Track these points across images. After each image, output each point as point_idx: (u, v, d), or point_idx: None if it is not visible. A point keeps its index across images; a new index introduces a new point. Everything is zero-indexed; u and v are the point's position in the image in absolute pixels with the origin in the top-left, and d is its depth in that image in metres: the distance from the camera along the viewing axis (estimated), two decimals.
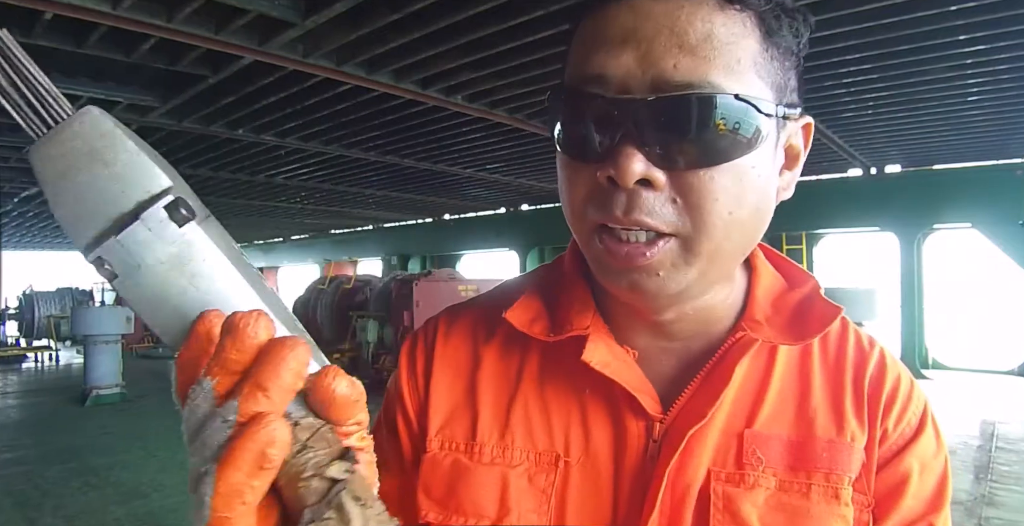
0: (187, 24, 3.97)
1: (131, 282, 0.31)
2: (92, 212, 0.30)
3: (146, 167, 0.30)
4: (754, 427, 0.53)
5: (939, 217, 8.92)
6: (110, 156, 0.30)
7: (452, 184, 10.76)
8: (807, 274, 0.60)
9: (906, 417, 0.54)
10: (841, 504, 0.50)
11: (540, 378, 0.57)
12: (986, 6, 3.96)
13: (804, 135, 0.53)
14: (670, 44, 0.44)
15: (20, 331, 15.08)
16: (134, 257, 0.30)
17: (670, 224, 0.46)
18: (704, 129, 0.44)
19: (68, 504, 4.31)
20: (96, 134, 0.30)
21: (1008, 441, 5.55)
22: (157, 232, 0.30)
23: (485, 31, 4.23)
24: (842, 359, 0.57)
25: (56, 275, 28.35)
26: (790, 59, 0.49)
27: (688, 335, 0.56)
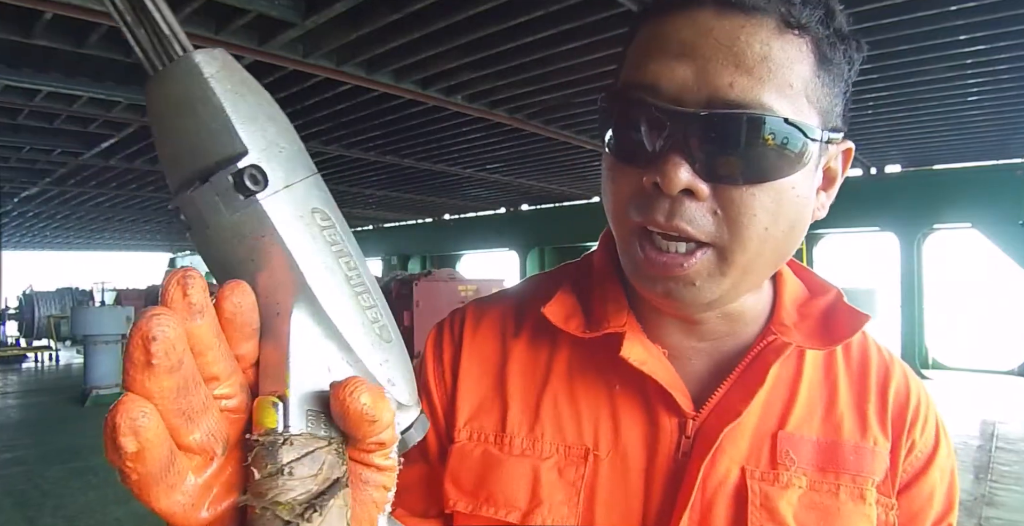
0: (187, 24, 3.97)
1: (199, 239, 0.30)
2: (179, 160, 0.30)
3: (227, 127, 0.29)
4: (786, 429, 0.55)
5: (939, 217, 8.92)
6: (199, 108, 0.29)
7: (452, 184, 10.76)
8: (829, 284, 0.63)
9: (928, 429, 0.58)
10: (866, 504, 0.53)
11: (569, 373, 0.58)
12: (986, 6, 3.96)
13: (844, 158, 0.56)
14: (727, 62, 0.45)
15: (20, 331, 15.08)
16: (203, 216, 0.29)
17: (708, 234, 0.47)
18: (751, 148, 0.45)
19: (68, 504, 4.31)
20: (191, 82, 0.29)
21: (1008, 441, 5.55)
22: (223, 198, 0.29)
23: (485, 31, 4.23)
24: (866, 367, 0.59)
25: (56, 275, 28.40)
26: (839, 85, 0.51)
27: (717, 336, 0.57)
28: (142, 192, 10.60)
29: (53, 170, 8.73)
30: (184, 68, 0.29)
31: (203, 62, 0.29)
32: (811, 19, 0.47)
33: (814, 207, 0.53)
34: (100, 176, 9.28)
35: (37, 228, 15.75)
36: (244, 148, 0.29)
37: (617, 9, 3.83)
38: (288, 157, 0.31)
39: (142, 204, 12.16)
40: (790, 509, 0.52)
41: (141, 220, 14.61)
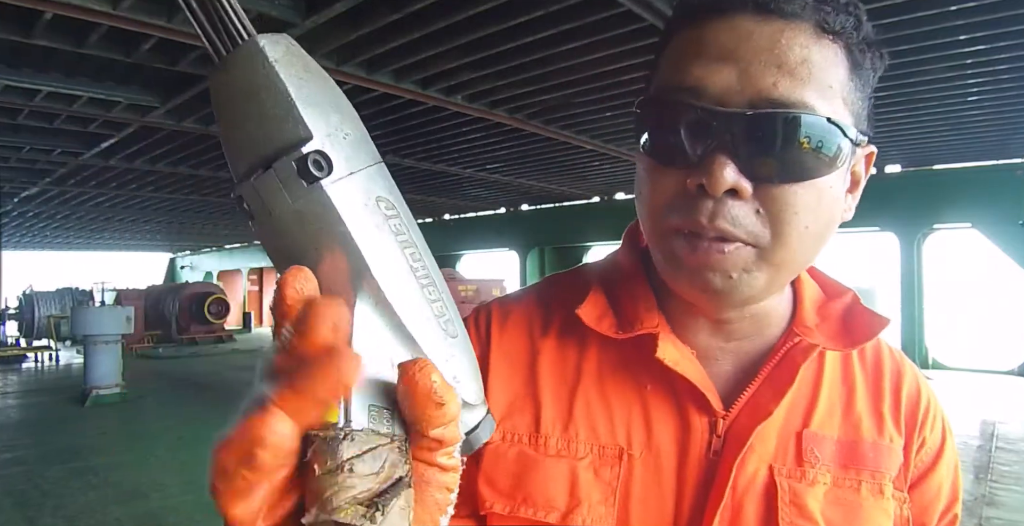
0: (187, 24, 3.95)
1: (262, 229, 0.30)
2: (242, 148, 0.29)
3: (291, 112, 0.28)
4: (810, 427, 0.57)
5: (939, 217, 8.93)
6: (263, 93, 0.29)
7: (452, 184, 10.76)
8: (844, 285, 0.64)
9: (936, 427, 0.61)
10: (885, 499, 0.56)
11: (600, 373, 0.59)
12: (986, 6, 3.96)
13: (867, 162, 0.56)
14: (770, 64, 0.47)
15: (20, 331, 15.09)
16: (265, 205, 0.29)
17: (751, 234, 0.48)
18: (795, 147, 0.46)
19: (68, 504, 4.31)
20: (255, 67, 0.29)
21: (1008, 441, 5.55)
22: (286, 184, 0.28)
23: (485, 31, 4.24)
24: (880, 368, 0.62)
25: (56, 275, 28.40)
26: (867, 91, 0.52)
27: (743, 336, 0.59)
28: (142, 192, 10.61)
29: (53, 170, 8.73)
30: (249, 53, 0.29)
31: (268, 46, 0.29)
32: (844, 26, 0.49)
33: (843, 208, 0.54)
34: (100, 176, 9.29)
35: (37, 228, 15.75)
36: (308, 134, 0.29)
37: (617, 9, 3.83)
38: (353, 144, 0.30)
39: (142, 204, 12.16)
40: (817, 505, 0.54)
41: (141, 220, 14.61)
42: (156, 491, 4.54)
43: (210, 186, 10.35)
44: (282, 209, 0.29)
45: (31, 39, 4.17)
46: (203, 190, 10.70)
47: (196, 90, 5.33)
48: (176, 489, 4.58)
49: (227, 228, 16.56)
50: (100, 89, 5.30)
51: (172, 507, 4.23)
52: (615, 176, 9.97)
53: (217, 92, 0.30)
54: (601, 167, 9.31)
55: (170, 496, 4.44)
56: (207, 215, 13.90)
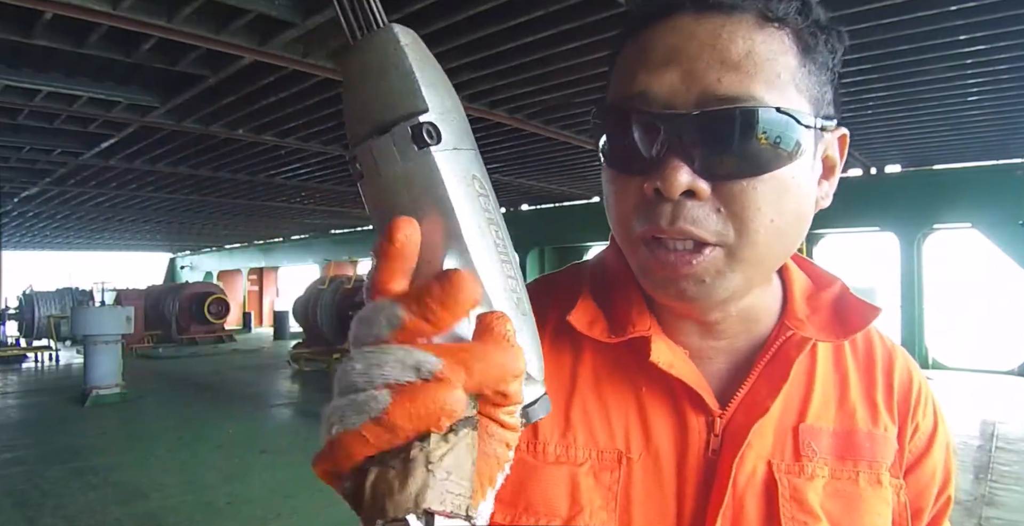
0: (187, 24, 3.98)
1: (370, 188, 0.34)
2: (363, 116, 0.34)
3: (413, 88, 0.33)
4: (806, 421, 0.57)
5: (939, 217, 8.93)
6: (392, 70, 0.33)
7: None
8: (832, 275, 0.64)
9: (928, 411, 0.62)
10: (883, 488, 0.56)
11: (595, 377, 0.58)
12: (986, 6, 3.96)
13: (840, 146, 0.56)
14: (713, 61, 0.46)
15: (20, 331, 15.09)
16: (378, 164, 0.33)
17: (715, 233, 0.48)
18: (747, 141, 0.46)
19: (68, 504, 4.31)
20: (388, 48, 0.33)
21: (1008, 441, 5.55)
22: (400, 148, 0.32)
23: (485, 31, 4.24)
24: (871, 355, 0.62)
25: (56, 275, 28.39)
26: (826, 73, 0.52)
27: (733, 334, 0.58)
28: (142, 192, 10.61)
29: (53, 170, 8.73)
30: (385, 37, 0.34)
31: (400, 33, 0.34)
32: (788, 11, 0.48)
33: (817, 197, 0.54)
34: (100, 176, 9.29)
35: (37, 228, 15.75)
36: (425, 106, 0.33)
37: (617, 9, 3.83)
38: (459, 126, 0.34)
39: (142, 204, 12.16)
40: (817, 499, 0.54)
41: (141, 220, 14.61)
42: (156, 491, 4.54)
43: (210, 186, 10.34)
44: (392, 169, 0.33)
45: (31, 39, 4.17)
46: (203, 190, 10.70)
47: (196, 90, 5.33)
48: (176, 489, 4.58)
49: (227, 228, 16.56)
50: (100, 89, 5.30)
51: (172, 507, 4.23)
52: None
53: (350, 67, 0.34)
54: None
55: (170, 496, 4.44)
56: (207, 215, 13.90)
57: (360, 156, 0.33)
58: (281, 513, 4.11)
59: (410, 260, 0.33)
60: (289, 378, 10.26)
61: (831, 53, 0.52)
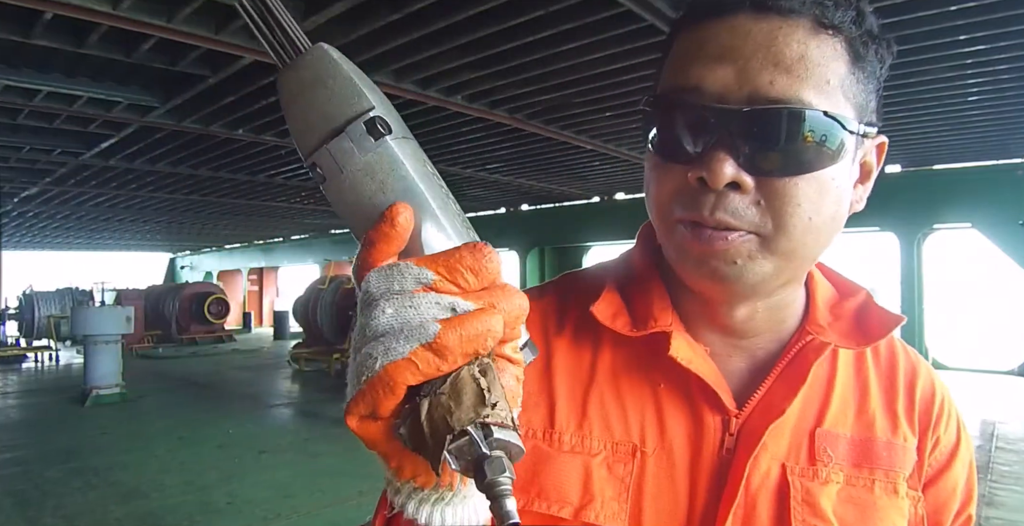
0: (187, 24, 3.97)
1: (334, 185, 0.36)
2: (313, 126, 0.36)
3: (356, 90, 0.36)
4: (823, 426, 0.57)
5: (939, 217, 8.92)
6: (330, 81, 0.36)
7: (452, 184, 10.62)
8: (857, 285, 0.65)
9: (951, 426, 0.61)
10: (899, 498, 0.56)
11: (614, 371, 0.59)
12: (986, 6, 3.96)
13: (878, 153, 0.57)
14: (767, 62, 0.48)
15: (20, 331, 15.09)
16: (338, 163, 0.36)
17: (751, 224, 0.49)
18: (793, 140, 0.48)
19: (68, 504, 4.31)
20: (322, 63, 0.37)
21: (1008, 441, 5.55)
22: (357, 143, 0.35)
23: (485, 31, 4.23)
24: (894, 366, 0.62)
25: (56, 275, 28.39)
26: (873, 82, 0.53)
27: (756, 334, 0.59)
28: (142, 192, 10.60)
29: (53, 170, 8.73)
30: (318, 54, 0.37)
31: (329, 49, 0.37)
32: (843, 20, 0.50)
33: (852, 200, 0.55)
34: (100, 176, 9.28)
35: (37, 228, 15.74)
36: (371, 104, 0.36)
37: (617, 9, 3.83)
38: (399, 120, 0.38)
39: (142, 204, 12.16)
40: (830, 504, 0.54)
41: (141, 220, 14.60)
42: (156, 491, 4.55)
43: (210, 186, 10.34)
44: (353, 164, 0.36)
45: (31, 39, 4.17)
46: (203, 190, 10.70)
47: (196, 90, 5.33)
48: (176, 489, 4.58)
49: (227, 228, 16.55)
50: (100, 89, 5.29)
51: (172, 507, 4.23)
52: (615, 176, 9.97)
53: (288, 86, 0.37)
54: (601, 167, 9.30)
55: (170, 496, 4.44)
56: (207, 215, 13.90)
57: (319, 160, 0.36)
58: (281, 513, 4.11)
59: (405, 241, 0.35)
60: (289, 378, 10.26)
61: (880, 63, 0.53)
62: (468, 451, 0.30)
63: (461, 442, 0.30)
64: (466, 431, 0.30)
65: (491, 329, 0.33)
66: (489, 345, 0.33)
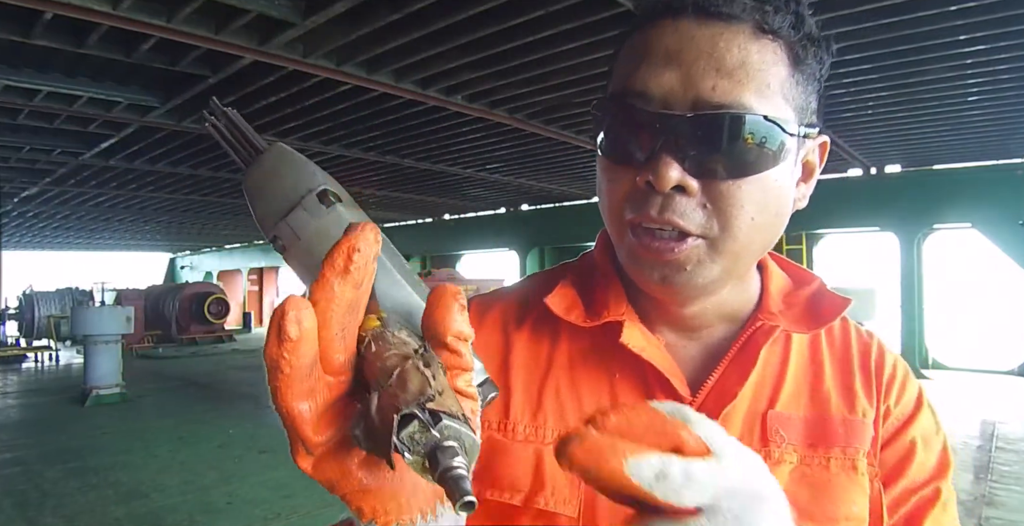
0: (187, 24, 3.98)
1: (294, 251, 0.40)
2: (273, 209, 0.41)
3: (307, 172, 0.41)
4: (776, 408, 0.58)
5: (939, 217, 8.93)
6: (284, 170, 0.42)
7: (452, 184, 10.76)
8: (812, 274, 0.66)
9: (904, 397, 0.61)
10: (859, 474, 0.56)
11: (571, 362, 0.61)
12: (986, 6, 3.96)
13: (820, 152, 0.59)
14: (709, 67, 0.50)
15: (20, 331, 15.09)
16: (295, 232, 0.40)
17: (699, 226, 0.51)
18: (735, 144, 0.50)
19: (68, 504, 4.31)
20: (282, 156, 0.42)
21: (1008, 441, 5.55)
22: (311, 212, 0.40)
23: (485, 31, 4.24)
24: (847, 346, 0.63)
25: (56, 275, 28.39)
26: (813, 84, 0.55)
27: (708, 326, 0.61)
28: (142, 192, 10.61)
29: (53, 170, 8.73)
30: (277, 149, 0.43)
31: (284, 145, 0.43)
32: (782, 25, 0.51)
33: (795, 198, 0.57)
34: (100, 176, 9.29)
35: (37, 228, 15.75)
36: (321, 181, 0.41)
37: (617, 9, 3.83)
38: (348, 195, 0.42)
39: (142, 204, 12.16)
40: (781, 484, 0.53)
41: (141, 220, 14.61)
42: (156, 491, 4.55)
43: (210, 186, 10.34)
44: (308, 230, 0.40)
45: (31, 39, 4.17)
46: (203, 190, 10.70)
47: (196, 90, 5.33)
48: (176, 489, 4.58)
49: (227, 228, 16.55)
50: (100, 89, 5.30)
51: (172, 507, 4.23)
52: None
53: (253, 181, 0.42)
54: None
55: (170, 496, 4.44)
56: (207, 215, 13.90)
57: (280, 233, 0.40)
58: (281, 513, 4.11)
59: None
60: None
61: (819, 64, 0.55)
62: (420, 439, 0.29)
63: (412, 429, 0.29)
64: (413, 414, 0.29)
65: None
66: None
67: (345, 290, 0.31)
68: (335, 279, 0.31)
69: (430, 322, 0.34)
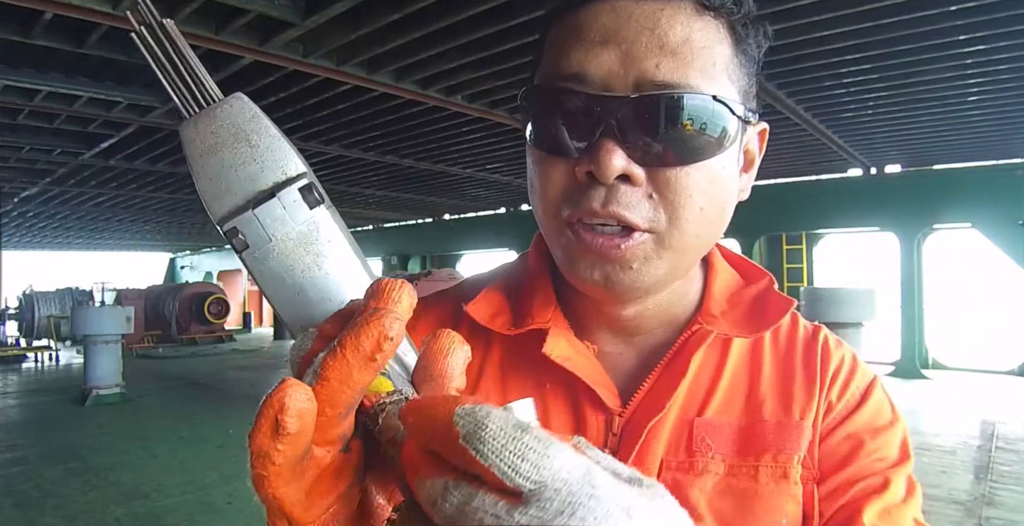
0: (187, 24, 3.98)
1: (260, 255, 0.33)
2: (232, 186, 0.33)
3: (285, 151, 0.33)
4: (705, 416, 0.54)
5: (939, 217, 8.93)
6: (255, 138, 0.33)
7: (452, 184, 10.76)
8: (762, 271, 0.62)
9: (849, 389, 0.56)
10: (791, 483, 0.52)
11: (501, 372, 0.58)
12: (986, 6, 3.96)
13: (760, 140, 0.56)
14: (651, 45, 0.45)
15: (20, 331, 15.09)
16: (267, 231, 0.33)
17: (646, 219, 0.47)
18: (683, 128, 0.46)
19: (68, 504, 4.31)
20: (244, 116, 0.33)
21: (1008, 441, 5.55)
22: (290, 211, 0.33)
23: (485, 31, 4.24)
24: (792, 347, 0.59)
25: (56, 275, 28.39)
26: (752, 67, 0.51)
27: (646, 331, 0.57)
28: (142, 192, 10.60)
29: (53, 170, 8.73)
30: (238, 105, 0.33)
31: (249, 101, 0.34)
32: (724, 1, 0.48)
33: (739, 188, 0.53)
34: (100, 176, 9.29)
35: (37, 228, 15.75)
36: (303, 170, 0.33)
37: None
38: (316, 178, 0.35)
39: (142, 204, 12.16)
40: (702, 497, 0.51)
41: (141, 220, 14.61)
42: (156, 491, 4.54)
43: None
44: (285, 233, 0.33)
45: (31, 39, 4.17)
46: None
47: None
48: (176, 489, 4.58)
49: None
50: (100, 89, 5.30)
51: (172, 507, 4.23)
52: None
53: (202, 137, 0.33)
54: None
55: (170, 496, 4.44)
56: (207, 215, 13.87)
57: (242, 226, 0.32)
58: None
59: None
60: None
61: (758, 47, 0.52)
62: None
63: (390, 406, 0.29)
64: None
65: (284, 405, 0.26)
66: (287, 425, 0.26)
67: (364, 377, 0.28)
68: (357, 364, 0.27)
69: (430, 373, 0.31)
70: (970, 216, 8.60)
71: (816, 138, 7.18)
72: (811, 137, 7.13)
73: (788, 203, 9.25)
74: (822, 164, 9.02)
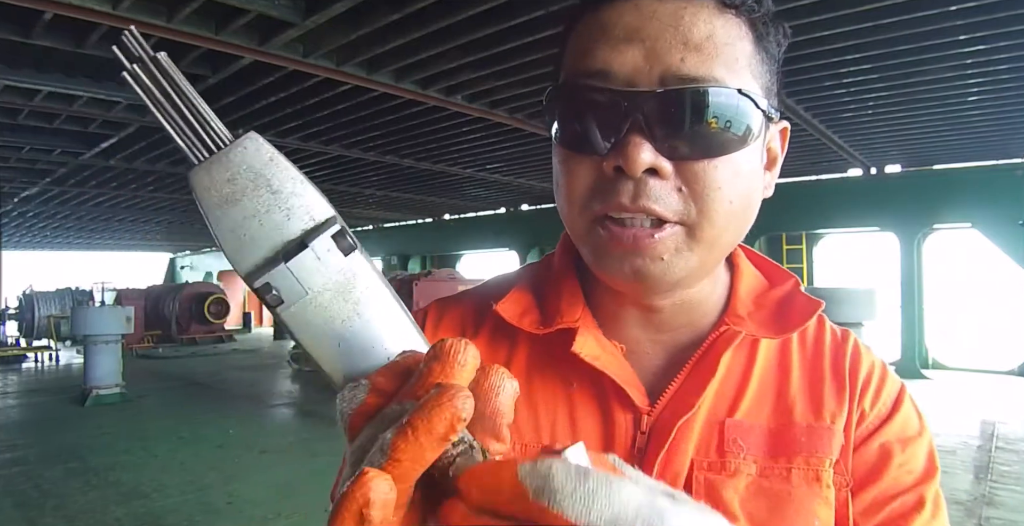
0: (187, 24, 3.98)
1: (296, 309, 0.31)
2: (256, 238, 0.30)
3: (311, 195, 0.31)
4: (735, 417, 0.54)
5: (939, 217, 8.93)
6: (276, 183, 0.30)
7: (452, 184, 10.76)
8: (787, 273, 0.62)
9: (882, 398, 0.57)
10: (823, 486, 0.52)
11: (527, 371, 0.58)
12: (986, 6, 3.96)
13: (781, 138, 0.56)
14: (675, 41, 0.46)
15: (20, 331, 15.09)
16: (302, 284, 0.30)
17: (676, 212, 0.47)
18: (708, 121, 0.46)
19: (68, 504, 4.31)
20: (262, 160, 0.30)
21: (1008, 441, 5.55)
22: (325, 260, 0.30)
23: (485, 31, 4.24)
24: (820, 350, 0.59)
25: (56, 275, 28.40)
26: (773, 65, 0.52)
27: (674, 328, 0.57)
28: (142, 192, 10.61)
29: (53, 170, 8.73)
30: (253, 146, 0.30)
31: (264, 141, 0.31)
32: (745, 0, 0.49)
33: (763, 185, 0.54)
34: (100, 176, 9.29)
35: (37, 228, 15.75)
36: (331, 213, 0.31)
37: None
38: None
39: (142, 204, 12.16)
40: (736, 497, 0.51)
41: (141, 220, 14.61)
42: (156, 491, 4.54)
43: None
44: (322, 284, 0.31)
45: (31, 39, 4.18)
46: None
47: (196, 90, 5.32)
48: (176, 489, 4.58)
49: None
50: (100, 89, 5.30)
51: (172, 507, 4.23)
52: None
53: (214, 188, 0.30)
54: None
55: (170, 496, 4.44)
56: None
57: (275, 282, 0.30)
58: (281, 513, 4.10)
59: None
60: (289, 378, 10.26)
61: (778, 45, 0.52)
62: None
63: None
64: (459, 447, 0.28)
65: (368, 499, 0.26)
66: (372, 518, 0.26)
67: (436, 454, 0.27)
68: (429, 446, 0.27)
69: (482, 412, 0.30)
70: (970, 216, 8.60)
71: (816, 138, 7.18)
72: (811, 137, 7.13)
73: (788, 203, 9.22)
74: (822, 164, 9.01)
